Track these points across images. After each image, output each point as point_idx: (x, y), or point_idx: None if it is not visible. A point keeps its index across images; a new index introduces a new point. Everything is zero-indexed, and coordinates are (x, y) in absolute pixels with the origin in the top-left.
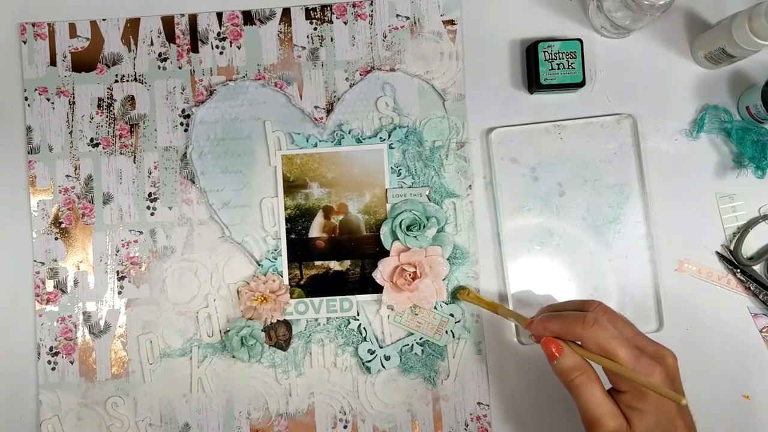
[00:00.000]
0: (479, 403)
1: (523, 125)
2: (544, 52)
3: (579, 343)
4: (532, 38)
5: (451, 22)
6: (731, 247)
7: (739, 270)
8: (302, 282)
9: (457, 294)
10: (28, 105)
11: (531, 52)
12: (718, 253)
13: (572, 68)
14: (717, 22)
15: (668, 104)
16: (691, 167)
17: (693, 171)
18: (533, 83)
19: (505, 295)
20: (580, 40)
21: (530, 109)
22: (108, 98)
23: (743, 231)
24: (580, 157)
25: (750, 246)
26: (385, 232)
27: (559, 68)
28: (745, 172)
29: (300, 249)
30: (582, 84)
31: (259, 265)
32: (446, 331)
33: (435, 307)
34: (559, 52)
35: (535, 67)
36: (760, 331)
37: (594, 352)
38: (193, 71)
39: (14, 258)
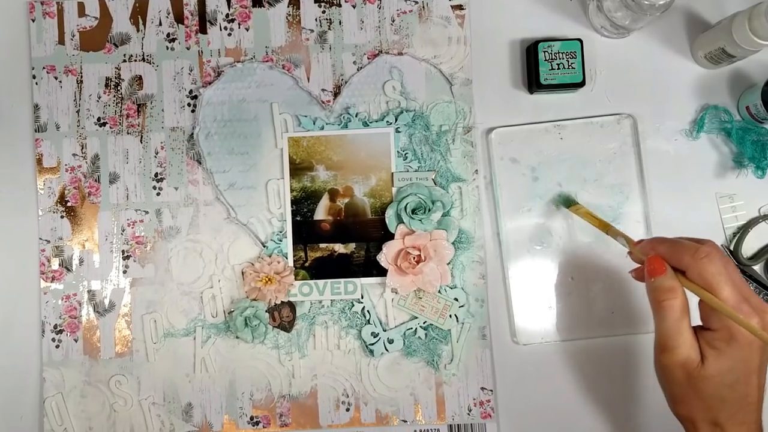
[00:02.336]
0: (483, 388)
1: (523, 125)
2: (544, 52)
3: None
4: (532, 38)
5: (460, 7)
6: (731, 247)
7: (739, 270)
8: (307, 264)
9: (569, 206)
10: (36, 83)
11: (531, 52)
12: None
13: (572, 68)
14: (717, 22)
15: (668, 104)
16: (691, 167)
17: (693, 171)
18: (533, 83)
19: (506, 295)
20: (580, 40)
21: (530, 109)
22: (116, 78)
23: (743, 231)
24: (580, 157)
25: (750, 246)
26: (390, 215)
27: (559, 68)
28: (745, 172)
29: (305, 231)
30: (582, 84)
31: (264, 246)
32: (450, 316)
33: (439, 291)
34: (559, 52)
35: (535, 67)
36: None
37: (697, 284)
38: (201, 52)
39: (20, 236)
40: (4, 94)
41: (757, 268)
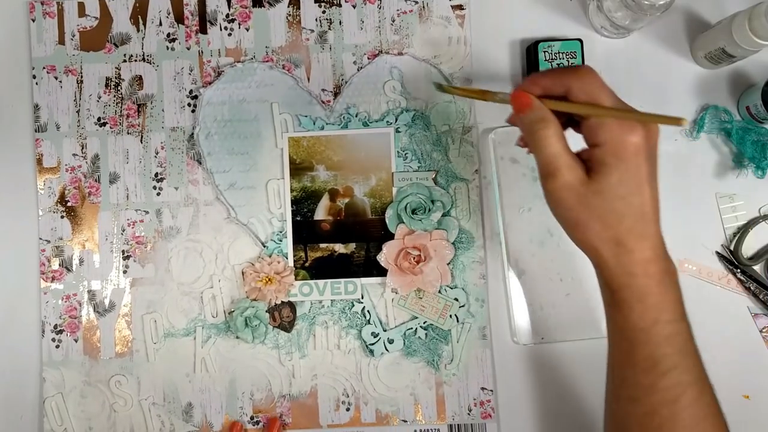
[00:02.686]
0: (483, 388)
1: None
2: (544, 52)
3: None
4: (532, 38)
5: (460, 7)
6: (731, 247)
7: (739, 270)
8: (307, 264)
9: (443, 89)
10: (36, 83)
11: (531, 52)
12: (718, 253)
13: None
14: (717, 22)
15: (668, 104)
16: (691, 167)
17: (693, 171)
18: None
19: (506, 294)
20: (580, 40)
21: None
22: (116, 78)
23: (743, 231)
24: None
25: (750, 246)
26: (390, 215)
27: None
28: (745, 172)
29: (305, 231)
30: None
31: (264, 246)
32: (450, 316)
33: (439, 291)
34: (559, 52)
35: (535, 67)
36: (760, 331)
37: (580, 100)
38: (201, 52)
39: (20, 236)
40: (4, 94)
41: (757, 268)
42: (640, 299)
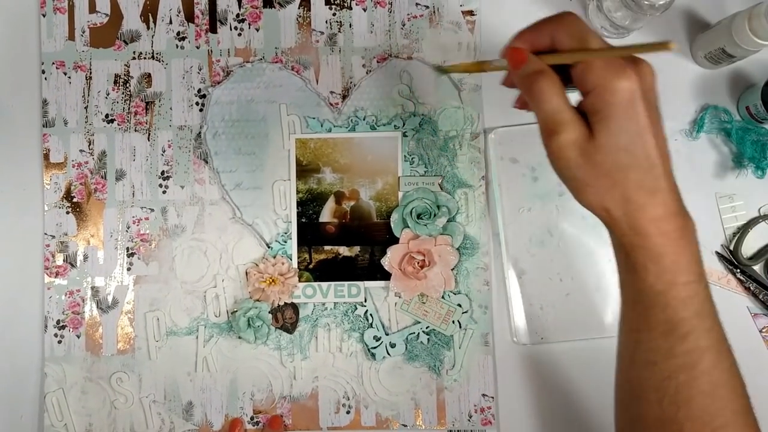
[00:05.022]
0: (484, 395)
1: (523, 125)
2: None
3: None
4: None
5: (470, 13)
6: (731, 247)
7: (739, 270)
8: (311, 266)
9: (444, 71)
10: (45, 78)
11: None
12: (717, 253)
13: None
14: (717, 22)
15: (668, 104)
16: (691, 167)
17: (693, 171)
18: None
19: (506, 294)
20: None
21: None
22: (125, 75)
23: (743, 231)
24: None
25: (750, 246)
26: (395, 219)
27: None
28: (745, 172)
29: (310, 233)
30: None
31: (268, 247)
32: (453, 321)
33: (443, 297)
34: None
35: None
36: (760, 331)
37: (567, 47)
38: (211, 51)
39: (25, 230)
40: (13, 88)
41: (757, 268)
42: (655, 260)
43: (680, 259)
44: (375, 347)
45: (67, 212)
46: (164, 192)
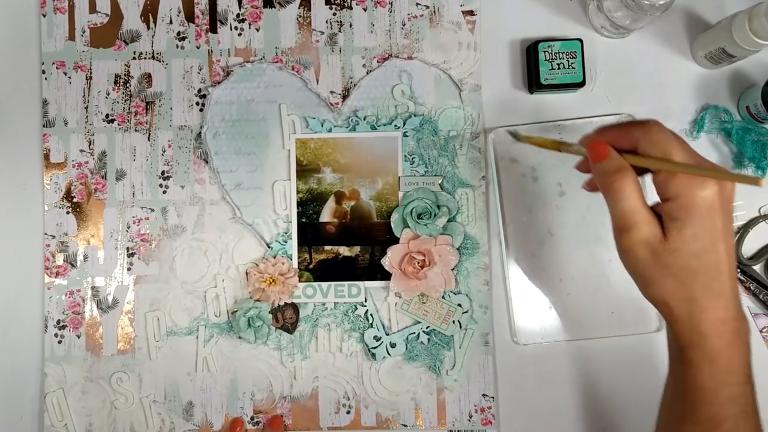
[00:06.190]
0: (484, 395)
1: (523, 125)
2: (544, 52)
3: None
4: (532, 38)
5: (471, 13)
6: None
7: (739, 270)
8: (311, 266)
9: (521, 138)
10: (45, 78)
11: (531, 52)
12: None
13: (572, 68)
14: (717, 22)
15: (668, 104)
16: None
17: None
18: (533, 83)
19: (506, 294)
20: (580, 40)
21: (530, 109)
22: (125, 75)
23: (743, 231)
24: (580, 157)
25: (750, 246)
26: (395, 219)
27: (559, 68)
28: (745, 172)
29: (310, 233)
30: (582, 84)
31: (269, 247)
32: (453, 321)
33: (443, 297)
34: (559, 52)
35: (535, 67)
36: (760, 331)
37: (650, 155)
38: (211, 51)
39: (25, 230)
40: (14, 88)
41: (757, 268)
42: (710, 360)
43: (733, 360)
44: (375, 347)
45: (68, 212)
46: (164, 192)
